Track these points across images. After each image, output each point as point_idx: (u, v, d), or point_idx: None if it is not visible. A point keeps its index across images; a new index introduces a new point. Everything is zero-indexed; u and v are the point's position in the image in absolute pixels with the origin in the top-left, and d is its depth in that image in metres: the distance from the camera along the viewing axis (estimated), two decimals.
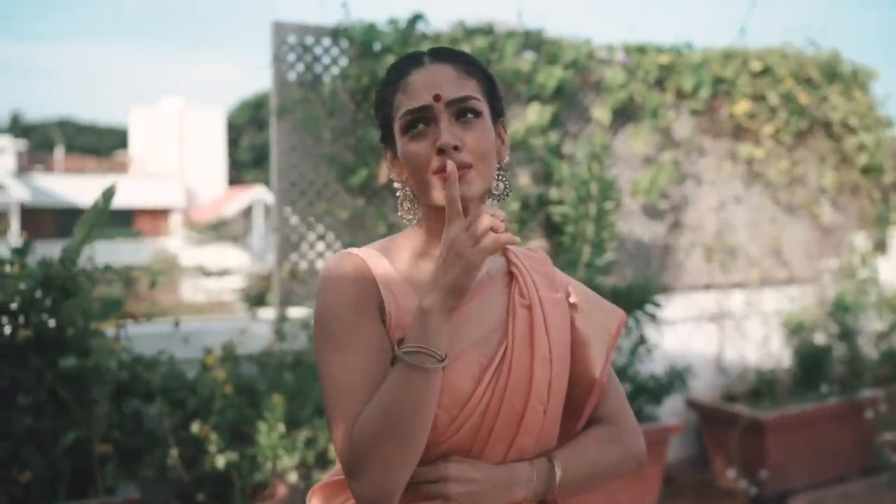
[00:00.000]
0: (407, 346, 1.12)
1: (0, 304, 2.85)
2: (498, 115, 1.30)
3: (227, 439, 3.18)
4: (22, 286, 2.89)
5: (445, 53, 1.26)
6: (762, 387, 4.67)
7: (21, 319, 2.90)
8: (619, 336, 1.38)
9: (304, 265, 3.96)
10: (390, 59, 3.98)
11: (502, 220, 1.14)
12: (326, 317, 1.21)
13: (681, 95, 4.98)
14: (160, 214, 28.37)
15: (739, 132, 5.26)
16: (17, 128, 39.89)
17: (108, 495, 2.86)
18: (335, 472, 1.33)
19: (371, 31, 3.95)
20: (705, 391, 4.79)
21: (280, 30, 3.91)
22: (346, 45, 3.99)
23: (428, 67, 1.24)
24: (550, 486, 1.27)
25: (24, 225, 24.96)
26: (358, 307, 1.21)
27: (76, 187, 26.18)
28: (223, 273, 19.56)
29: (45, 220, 25.45)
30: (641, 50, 4.80)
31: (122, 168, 31.28)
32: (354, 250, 1.27)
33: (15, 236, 23.99)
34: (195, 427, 3.16)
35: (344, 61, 4.00)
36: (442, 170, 1.19)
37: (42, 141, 37.79)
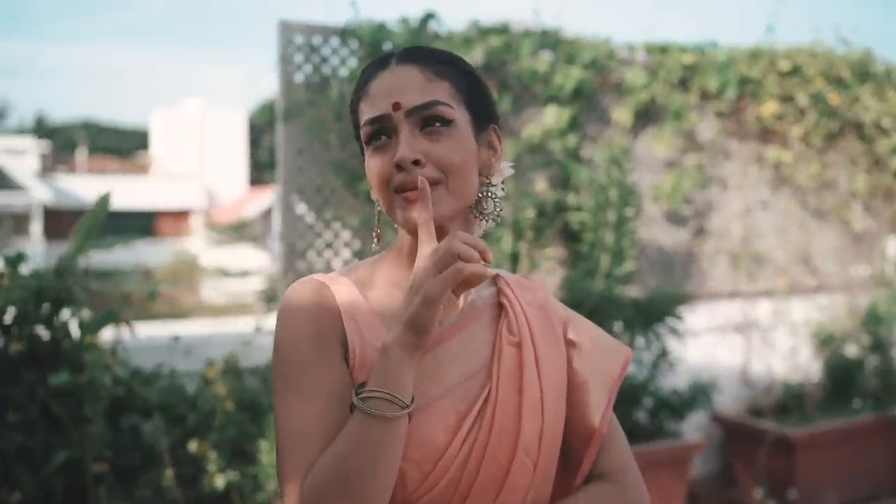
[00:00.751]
0: (365, 391, 0.97)
1: None
2: (487, 120, 1.14)
3: (227, 458, 3.04)
4: (14, 297, 2.78)
5: (415, 53, 1.10)
6: (790, 401, 4.48)
7: (13, 332, 2.81)
8: (623, 378, 1.20)
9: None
10: None
11: (480, 249, 0.97)
12: (283, 352, 1.06)
13: (705, 96, 4.79)
14: (181, 215, 28.49)
15: (767, 134, 5.05)
16: (42, 129, 40.26)
17: None
18: None
19: (381, 30, 3.80)
20: (730, 405, 4.60)
21: (286, 29, 3.77)
22: (356, 45, 3.84)
23: (392, 70, 1.08)
24: None
25: (47, 226, 25.14)
26: (318, 342, 1.06)
27: (98, 188, 26.32)
28: (243, 274, 19.56)
29: (67, 221, 25.59)
30: (664, 49, 4.61)
31: (143, 169, 31.48)
32: (319, 276, 1.12)
33: (37, 238, 24.17)
34: (194, 445, 3.03)
35: (353, 62, 3.85)
36: (403, 188, 1.05)
37: (65, 142, 38.10)
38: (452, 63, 1.12)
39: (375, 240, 1.17)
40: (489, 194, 1.11)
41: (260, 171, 33.78)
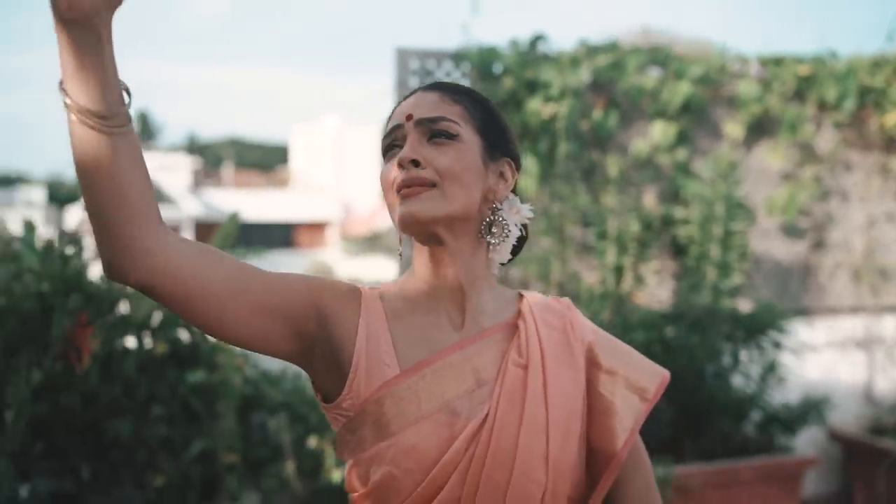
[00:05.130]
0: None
1: (143, 319, 3.10)
2: (501, 152, 1.18)
3: None
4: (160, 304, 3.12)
5: (438, 84, 1.19)
6: None
7: (159, 335, 3.16)
8: (655, 402, 1.17)
9: None
10: (509, 81, 4.01)
11: None
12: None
13: (823, 107, 4.70)
14: (318, 227, 29.66)
15: (892, 144, 4.89)
16: (192, 146, 42.95)
17: (233, 503, 3.06)
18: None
19: (491, 53, 3.99)
20: (852, 422, 4.48)
21: (403, 55, 4.02)
22: (468, 68, 4.05)
23: (415, 96, 1.16)
24: None
25: (197, 238, 26.66)
26: (313, 284, 1.13)
27: (243, 202, 27.88)
28: (377, 284, 20.17)
29: (214, 233, 27.20)
30: (778, 61, 4.57)
31: (283, 183, 33.00)
32: (361, 286, 1.20)
33: None
34: (314, 441, 3.30)
35: (465, 84, 4.06)
36: (401, 185, 1.09)
37: (214, 158, 40.46)
38: (469, 94, 1.18)
39: (399, 255, 1.23)
40: (498, 218, 1.14)
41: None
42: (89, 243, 2.96)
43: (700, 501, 3.45)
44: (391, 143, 1.14)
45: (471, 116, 1.14)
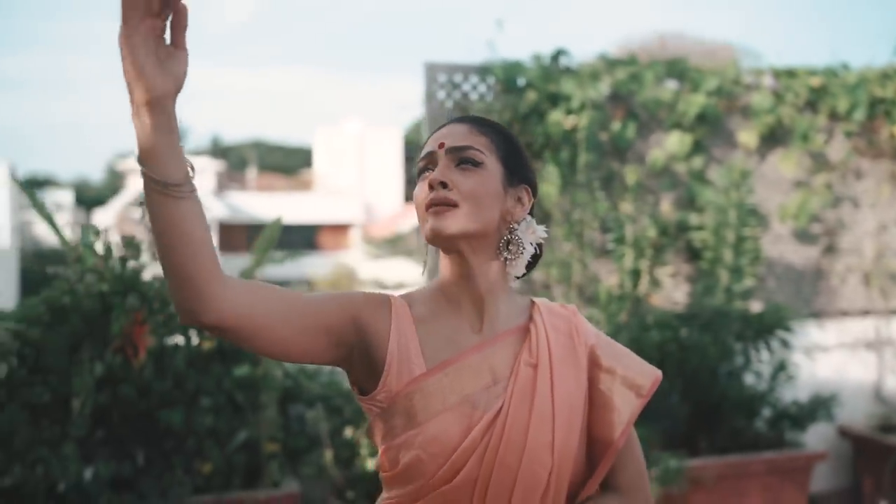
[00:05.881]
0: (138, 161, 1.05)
1: None
2: (519, 179, 1.32)
3: None
4: None
5: (471, 118, 1.35)
6: None
7: (206, 332, 3.39)
8: (649, 398, 1.32)
9: None
10: (532, 94, 4.22)
11: None
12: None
13: (834, 117, 4.88)
14: (341, 229, 29.86)
15: None
16: (217, 150, 43.37)
17: (274, 488, 3.24)
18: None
19: (515, 67, 4.21)
20: (862, 421, 4.65)
21: (431, 69, 4.25)
22: (493, 81, 4.27)
23: (448, 126, 1.32)
24: None
25: (221, 240, 27.12)
26: (352, 305, 1.26)
27: (266, 204, 28.16)
28: (398, 286, 20.37)
29: (238, 234, 27.54)
30: (790, 73, 4.75)
31: (306, 186, 33.25)
32: (391, 295, 1.33)
33: None
34: (350, 432, 3.52)
35: (490, 97, 4.28)
36: (430, 203, 1.25)
37: (237, 161, 40.83)
38: (494, 127, 1.33)
39: (423, 263, 1.37)
40: (514, 237, 1.29)
41: (414, 187, 34.85)
42: (146, 247, 3.19)
43: (713, 493, 3.64)
44: (425, 166, 1.30)
45: (495, 147, 1.30)
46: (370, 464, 3.46)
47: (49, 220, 3.21)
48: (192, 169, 1.08)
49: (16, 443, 2.85)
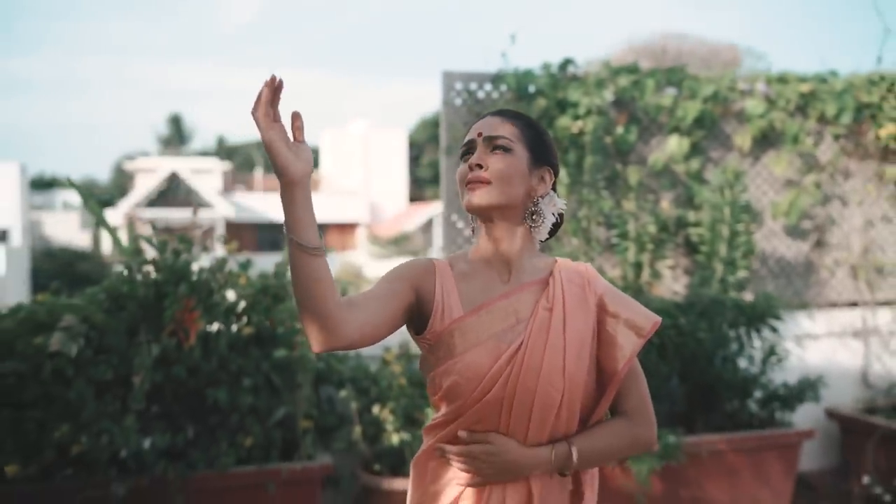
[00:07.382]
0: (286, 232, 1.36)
1: (233, 303, 3.59)
2: (542, 162, 1.60)
3: (401, 422, 3.82)
4: (246, 292, 3.66)
5: (505, 112, 1.62)
6: None
7: (245, 319, 3.65)
8: (649, 338, 1.56)
9: None
10: (542, 101, 4.56)
11: (264, 86, 1.33)
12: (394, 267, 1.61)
13: (823, 121, 5.19)
14: (347, 229, 30.02)
15: (887, 154, 5.37)
16: (223, 150, 43.58)
17: (309, 461, 3.52)
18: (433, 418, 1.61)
19: (526, 76, 4.54)
20: (849, 404, 4.96)
21: (448, 78, 4.58)
22: (505, 88, 4.60)
23: (486, 118, 1.60)
24: (567, 465, 1.53)
25: (227, 234, 27.28)
26: (406, 276, 1.55)
27: (273, 204, 28.37)
28: None
29: (245, 233, 27.79)
30: (782, 80, 5.07)
31: (313, 186, 33.22)
32: (435, 259, 1.62)
33: (220, 249, 26.32)
34: (376, 410, 3.84)
35: (502, 103, 4.61)
36: (469, 181, 1.54)
37: (243, 161, 41.03)
38: (523, 119, 1.61)
39: (472, 231, 1.65)
40: (537, 209, 1.58)
41: (419, 187, 34.98)
42: (197, 240, 3.50)
43: (708, 466, 3.93)
44: (466, 150, 1.59)
45: (523, 136, 1.58)
46: (395, 438, 3.78)
47: (106, 226, 3.49)
48: (321, 232, 1.40)
49: (84, 415, 3.17)
